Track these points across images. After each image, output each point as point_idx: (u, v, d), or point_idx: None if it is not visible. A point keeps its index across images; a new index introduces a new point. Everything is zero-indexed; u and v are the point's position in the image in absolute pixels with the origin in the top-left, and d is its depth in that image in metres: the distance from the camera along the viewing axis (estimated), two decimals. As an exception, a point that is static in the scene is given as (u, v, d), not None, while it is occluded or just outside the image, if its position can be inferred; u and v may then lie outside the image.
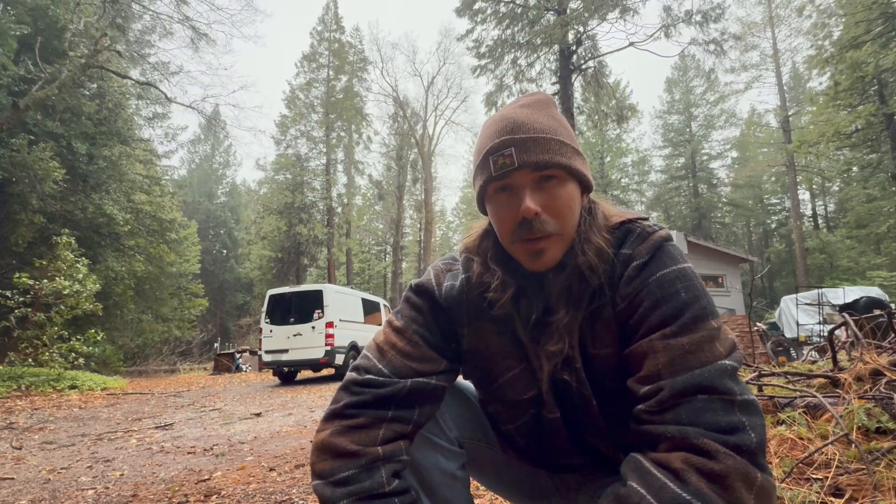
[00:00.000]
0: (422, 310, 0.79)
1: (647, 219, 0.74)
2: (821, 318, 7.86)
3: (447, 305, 0.78)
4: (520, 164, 0.67)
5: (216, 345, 23.31)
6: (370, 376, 0.72)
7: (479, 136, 0.75)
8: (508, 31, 14.96)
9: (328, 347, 8.98)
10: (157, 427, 4.73)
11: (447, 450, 0.80)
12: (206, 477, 2.72)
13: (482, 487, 1.40)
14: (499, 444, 0.89)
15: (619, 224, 0.74)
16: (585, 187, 0.74)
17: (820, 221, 32.67)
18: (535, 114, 0.71)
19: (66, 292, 9.26)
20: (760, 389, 2.37)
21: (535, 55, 15.03)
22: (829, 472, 1.47)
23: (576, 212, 0.71)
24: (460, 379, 0.90)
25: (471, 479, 0.90)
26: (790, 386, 2.34)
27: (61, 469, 3.10)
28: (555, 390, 0.75)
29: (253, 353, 16.38)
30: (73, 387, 8.36)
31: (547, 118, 0.71)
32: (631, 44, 14.00)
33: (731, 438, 0.51)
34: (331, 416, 0.71)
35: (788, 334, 9.73)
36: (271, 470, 2.81)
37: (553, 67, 15.15)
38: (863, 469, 1.43)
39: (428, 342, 0.76)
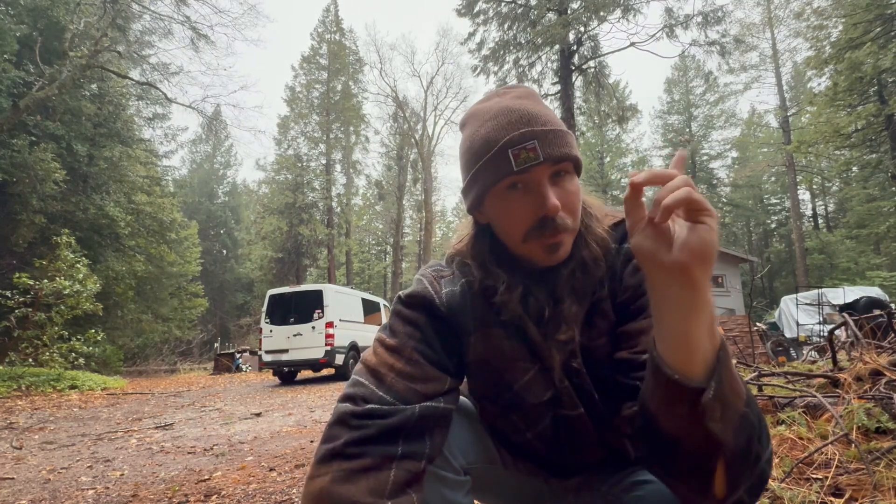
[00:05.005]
0: (418, 323, 0.72)
1: None
2: (821, 318, 7.86)
3: (450, 314, 0.73)
4: (545, 157, 0.63)
5: (216, 345, 23.31)
6: (371, 406, 0.62)
7: (479, 127, 0.70)
8: (510, 32, 14.96)
9: (328, 347, 8.98)
10: (157, 427, 4.74)
11: (453, 481, 0.73)
12: (207, 477, 2.73)
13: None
14: (500, 458, 0.84)
15: (621, 221, 0.74)
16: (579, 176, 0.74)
17: (820, 221, 32.71)
18: (539, 106, 0.68)
19: (66, 292, 9.26)
20: (760, 389, 2.37)
21: (537, 55, 15.02)
22: (829, 472, 1.47)
23: (580, 205, 0.70)
24: None
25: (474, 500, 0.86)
26: (790, 386, 2.34)
27: (61, 469, 3.10)
28: (573, 384, 0.73)
29: (253, 353, 16.38)
30: (73, 387, 8.36)
31: (550, 111, 0.69)
32: (632, 44, 14.00)
33: None
34: (328, 457, 0.59)
35: (788, 334, 9.74)
36: (271, 470, 2.81)
37: (554, 67, 15.14)
38: (863, 469, 1.43)
39: (429, 359, 0.69)
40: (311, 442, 3.64)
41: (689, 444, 0.50)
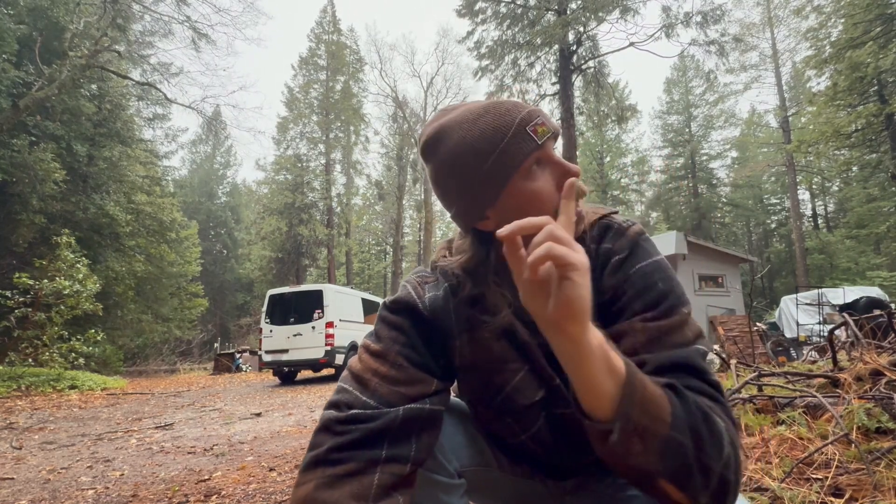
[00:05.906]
0: (403, 328, 0.71)
1: (616, 212, 0.75)
2: (821, 318, 7.87)
3: (434, 317, 0.73)
4: (552, 131, 0.65)
5: (216, 345, 23.30)
6: (355, 411, 0.62)
7: (468, 131, 0.66)
8: (509, 32, 14.97)
9: (328, 347, 8.99)
10: (157, 427, 4.74)
11: (447, 484, 0.73)
12: (206, 477, 2.73)
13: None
14: (495, 461, 0.83)
15: (599, 219, 0.74)
16: None
17: (820, 221, 32.69)
18: None
19: (66, 292, 9.26)
20: (760, 389, 2.37)
21: (536, 55, 15.02)
22: (829, 472, 1.47)
23: None
24: (451, 398, 0.85)
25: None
26: (790, 386, 2.34)
27: (61, 469, 3.10)
28: (564, 381, 0.72)
29: (253, 353, 16.37)
30: (73, 387, 8.36)
31: None
32: (631, 44, 14.00)
33: (719, 398, 0.56)
34: (312, 464, 0.60)
35: (788, 334, 9.73)
36: (271, 470, 2.81)
37: (553, 67, 15.14)
38: (863, 469, 1.43)
39: (414, 363, 0.68)
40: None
41: (621, 473, 0.52)
